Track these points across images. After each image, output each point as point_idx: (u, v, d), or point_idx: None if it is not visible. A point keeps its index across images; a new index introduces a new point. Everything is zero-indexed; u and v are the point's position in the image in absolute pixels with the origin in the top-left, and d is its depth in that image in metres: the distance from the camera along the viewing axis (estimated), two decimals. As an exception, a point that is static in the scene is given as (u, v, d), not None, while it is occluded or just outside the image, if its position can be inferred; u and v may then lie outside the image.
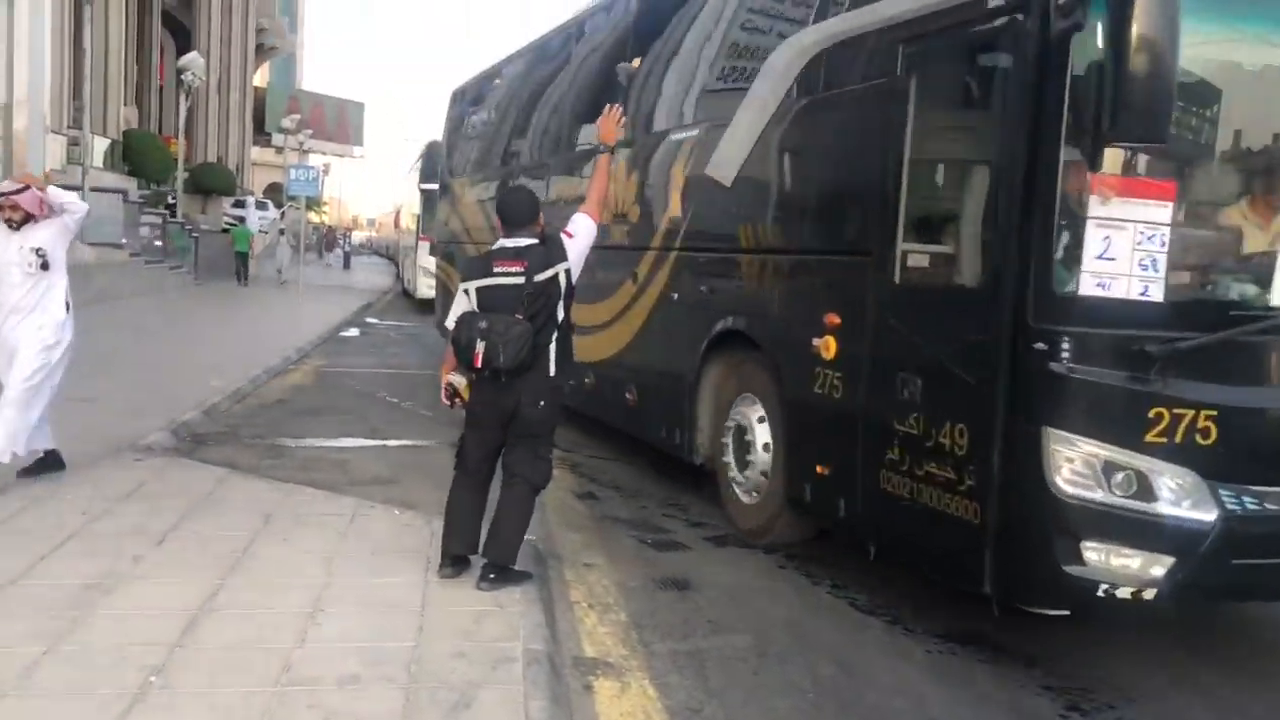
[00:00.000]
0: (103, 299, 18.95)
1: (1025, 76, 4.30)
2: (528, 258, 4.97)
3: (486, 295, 4.99)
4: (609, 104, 5.75)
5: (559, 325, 5.02)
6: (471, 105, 13.79)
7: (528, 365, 4.88)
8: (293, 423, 9.78)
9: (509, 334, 4.79)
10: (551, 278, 4.95)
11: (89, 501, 6.20)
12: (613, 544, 6.41)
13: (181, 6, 48.95)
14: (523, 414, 5.00)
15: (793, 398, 5.92)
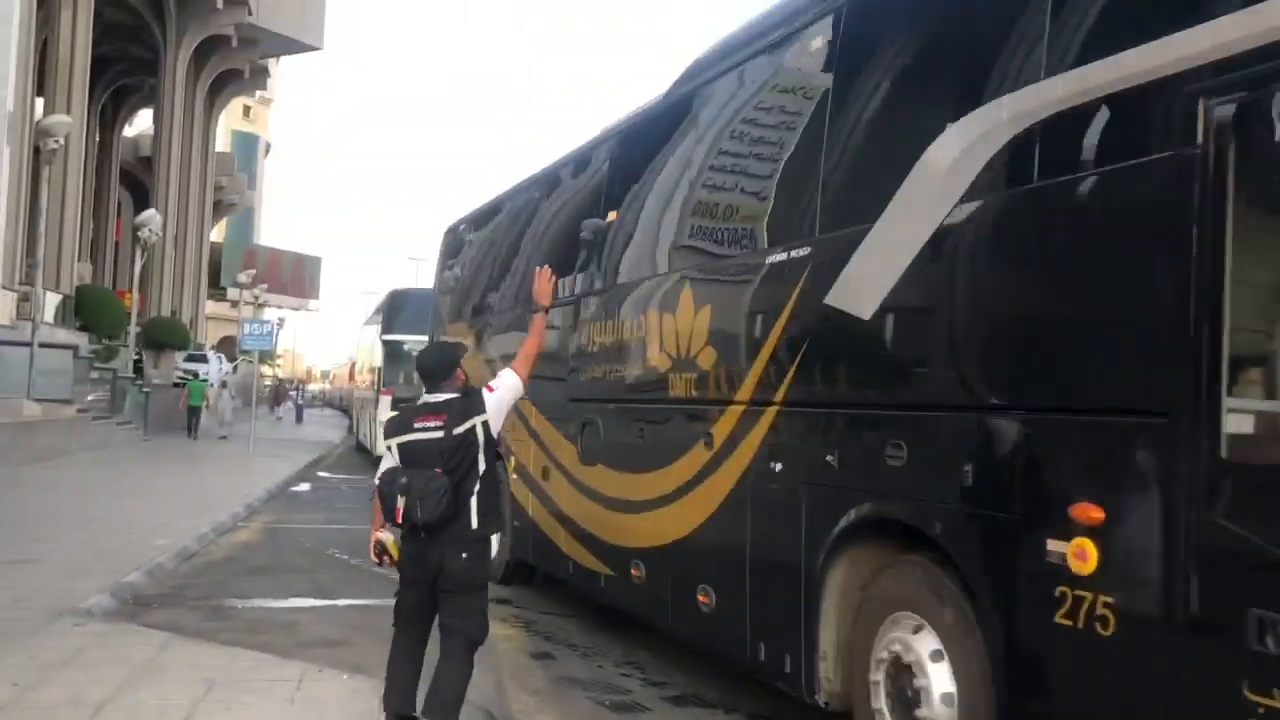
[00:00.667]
0: (49, 455, 18.62)
1: None
2: (446, 411, 5.01)
3: (408, 451, 5.00)
4: (539, 267, 5.79)
5: (480, 477, 4.98)
6: (471, 242, 12.28)
7: (449, 519, 4.84)
8: (240, 582, 9.53)
9: (428, 488, 4.78)
10: (469, 430, 4.95)
11: (20, 670, 5.95)
12: (569, 706, 6.24)
13: (140, 164, 49.74)
14: (447, 567, 4.91)
15: (1004, 629, 3.99)
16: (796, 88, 5.92)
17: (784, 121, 5.93)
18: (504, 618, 8.59)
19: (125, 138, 50.78)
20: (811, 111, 5.60)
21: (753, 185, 6.15)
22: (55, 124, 20.58)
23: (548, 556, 8.81)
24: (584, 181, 8.98)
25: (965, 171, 4.25)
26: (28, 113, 26.81)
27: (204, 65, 45.79)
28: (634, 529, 6.98)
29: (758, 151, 6.17)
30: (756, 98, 6.34)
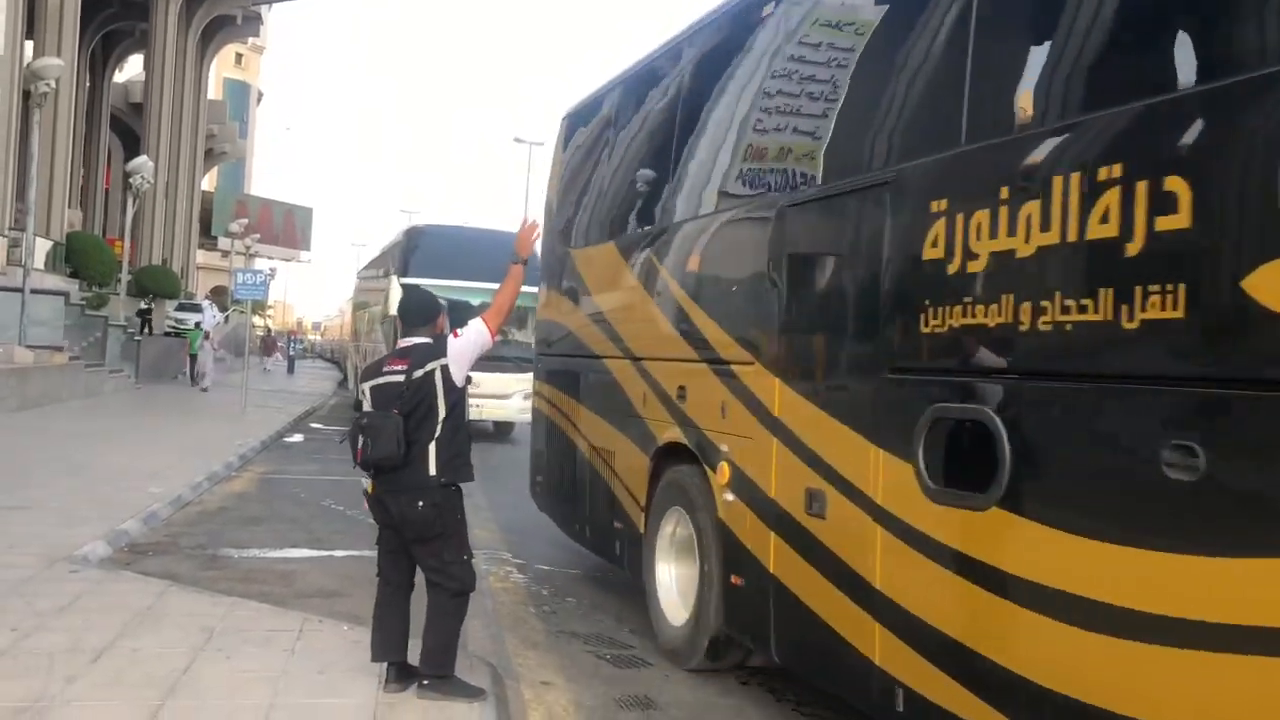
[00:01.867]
0: (40, 402, 18.51)
1: None
2: (412, 356, 5.04)
3: (377, 394, 5.04)
4: (526, 219, 5.77)
5: (441, 422, 4.94)
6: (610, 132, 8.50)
7: (401, 462, 4.85)
8: (235, 532, 9.49)
9: (379, 426, 4.85)
10: (427, 374, 4.96)
11: (18, 616, 5.90)
12: (570, 661, 6.22)
13: (131, 111, 49.17)
14: (405, 516, 4.93)
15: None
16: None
17: None
18: (502, 572, 8.58)
19: (115, 83, 50.11)
20: None
21: None
22: (46, 67, 20.25)
23: (815, 653, 4.97)
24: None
25: None
26: (17, 56, 26.40)
27: (196, 10, 45.17)
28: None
29: None
30: None
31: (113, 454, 13.27)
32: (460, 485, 5.09)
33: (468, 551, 5.11)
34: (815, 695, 5.74)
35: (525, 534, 10.14)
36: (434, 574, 5.00)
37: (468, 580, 5.07)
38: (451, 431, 4.99)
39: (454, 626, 5.03)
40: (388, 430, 4.83)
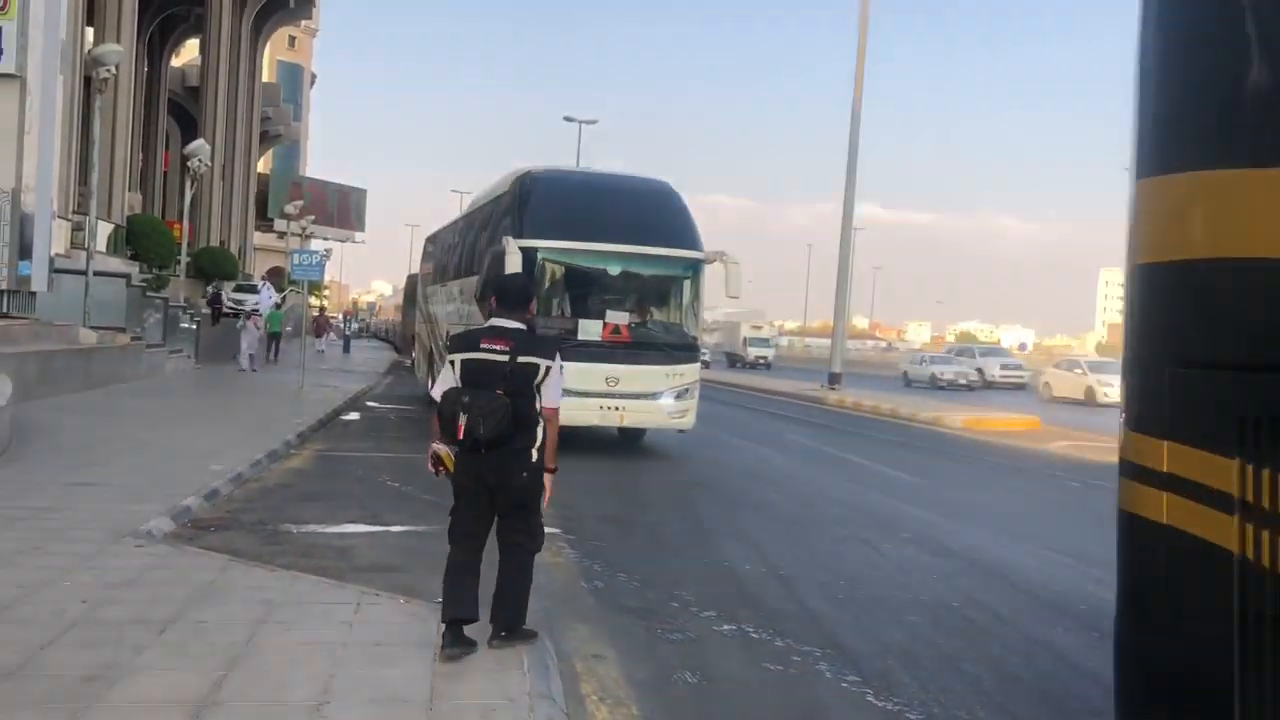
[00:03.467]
0: (104, 382, 18.95)
1: None
2: (515, 340, 5.29)
3: (470, 369, 5.26)
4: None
5: (531, 404, 5.24)
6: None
7: (507, 438, 5.11)
8: (294, 508, 9.69)
9: (489, 407, 5.06)
10: (531, 364, 5.24)
11: (88, 589, 6.10)
12: (621, 634, 6.30)
13: (188, 95, 49.92)
14: (509, 483, 5.24)
15: None
16: None
17: None
18: (554, 547, 8.67)
19: (172, 68, 50.89)
20: None
21: None
22: (107, 53, 20.64)
23: None
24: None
25: None
26: (78, 42, 26.91)
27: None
28: None
29: None
30: None
31: (174, 432, 13.58)
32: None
33: (541, 514, 5.52)
34: (866, 672, 5.78)
35: (576, 510, 10.24)
36: (520, 534, 5.37)
37: (541, 540, 5.51)
38: (538, 411, 5.31)
39: (528, 583, 5.47)
40: (500, 412, 5.06)
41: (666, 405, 14.74)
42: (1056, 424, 24.55)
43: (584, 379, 13.30)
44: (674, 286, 15.39)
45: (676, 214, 15.48)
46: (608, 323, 14.45)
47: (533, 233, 14.44)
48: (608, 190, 16.13)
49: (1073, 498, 13.78)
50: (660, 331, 15.15)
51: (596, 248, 14.60)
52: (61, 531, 7.54)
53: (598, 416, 14.34)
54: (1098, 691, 5.79)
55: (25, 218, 17.05)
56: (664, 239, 14.94)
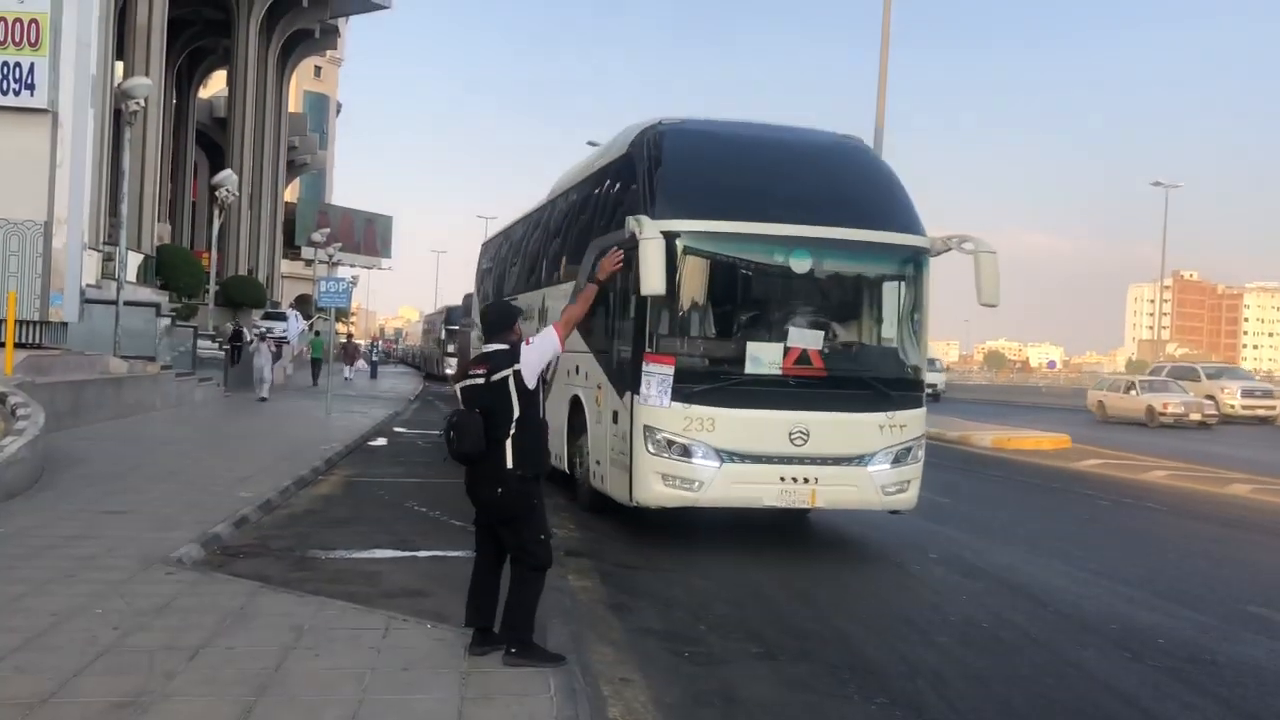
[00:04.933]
0: (134, 410, 19.15)
1: None
2: (491, 361, 5.76)
3: (465, 394, 5.79)
4: (616, 246, 6.81)
5: (515, 421, 5.62)
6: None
7: (483, 455, 5.58)
8: (322, 534, 9.74)
9: (465, 424, 5.61)
10: (502, 380, 5.65)
11: (119, 616, 6.16)
12: (648, 657, 6.29)
13: (215, 126, 50.57)
14: (487, 499, 5.71)
15: None
16: None
17: None
18: (579, 569, 8.69)
19: (200, 99, 51.59)
20: None
21: None
22: (136, 86, 20.96)
23: None
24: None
25: None
26: (108, 76, 27.36)
27: (275, 25, 46.28)
28: None
29: None
30: None
31: (203, 460, 13.70)
32: (538, 474, 5.74)
33: (545, 532, 5.79)
34: (891, 694, 5.74)
35: (602, 535, 10.25)
36: (515, 550, 5.73)
37: (544, 557, 5.74)
38: (524, 429, 5.66)
39: (535, 594, 5.69)
40: (471, 427, 5.59)
41: (880, 474, 9.65)
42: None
43: (754, 435, 9.36)
44: (886, 289, 10.53)
45: (883, 183, 10.69)
46: (792, 346, 9.61)
47: (675, 210, 9.58)
48: (779, 149, 10.83)
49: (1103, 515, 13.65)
50: (871, 359, 10.45)
51: (773, 231, 9.66)
52: (93, 559, 7.62)
53: (776, 495, 9.36)
54: (1133, 713, 5.74)
55: (57, 250, 17.28)
56: (872, 218, 10.10)
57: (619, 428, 10.04)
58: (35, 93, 17.01)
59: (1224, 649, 7.06)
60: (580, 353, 11.37)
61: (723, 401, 9.37)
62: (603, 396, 10.72)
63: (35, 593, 6.61)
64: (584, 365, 11.49)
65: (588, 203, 12.35)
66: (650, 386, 9.38)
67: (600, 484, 10.74)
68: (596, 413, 10.95)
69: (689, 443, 9.27)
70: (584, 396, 11.48)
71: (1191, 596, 8.64)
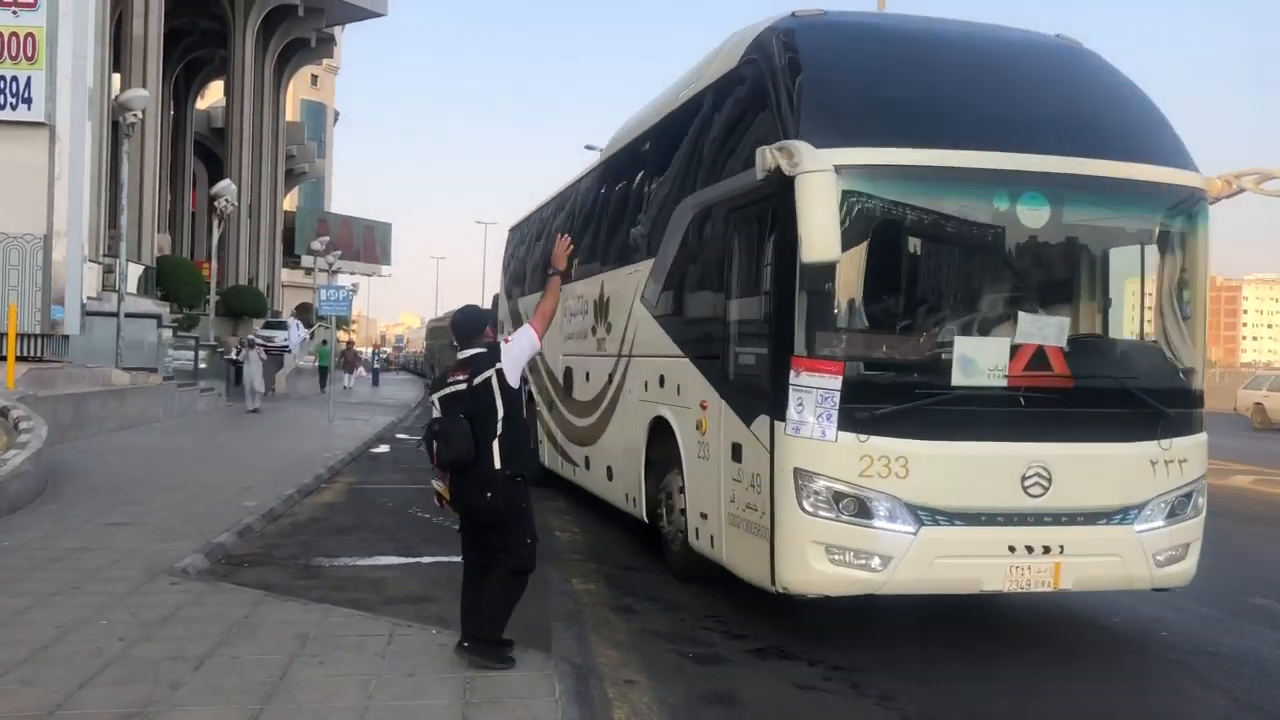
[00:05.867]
0: (137, 422, 19.18)
1: None
2: (470, 366, 5.68)
3: (444, 403, 5.70)
4: (560, 234, 6.41)
5: (501, 420, 5.55)
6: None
7: (471, 460, 5.49)
8: (326, 542, 9.76)
9: (449, 431, 5.52)
10: (485, 381, 5.59)
11: (125, 627, 6.18)
12: (652, 659, 6.30)
13: (213, 136, 50.66)
14: (475, 504, 5.62)
15: None
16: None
17: None
18: (583, 573, 8.70)
19: (198, 110, 51.68)
20: None
21: None
22: (134, 98, 21.01)
23: None
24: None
25: None
26: (105, 89, 27.43)
27: (272, 35, 46.37)
28: None
29: None
30: None
31: (207, 470, 13.72)
32: (525, 476, 5.70)
33: (531, 535, 5.74)
34: (897, 689, 5.76)
35: (605, 538, 10.27)
36: (500, 553, 5.65)
37: (527, 560, 5.70)
38: (510, 428, 5.61)
39: (512, 597, 5.68)
40: (457, 434, 5.49)
41: (1151, 536, 6.57)
42: None
43: (969, 481, 6.27)
44: (1148, 254, 7.09)
45: (1131, 99, 7.34)
46: (1023, 343, 6.46)
47: (839, 133, 6.38)
48: (973, 51, 7.46)
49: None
50: (1134, 359, 7.29)
51: (993, 164, 6.44)
52: (98, 570, 7.64)
53: (1002, 574, 6.31)
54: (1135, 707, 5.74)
55: (56, 262, 17.33)
56: (1125, 146, 6.83)
57: (744, 468, 6.76)
58: (32, 106, 17.09)
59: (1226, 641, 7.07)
60: (665, 357, 8.42)
61: (919, 430, 6.13)
62: (711, 420, 7.37)
63: (40, 605, 6.63)
64: (673, 374, 8.24)
65: (672, 148, 9.01)
66: (805, 408, 6.14)
67: (709, 547, 7.48)
68: (699, 444, 7.60)
69: (869, 495, 6.06)
70: (674, 419, 8.14)
71: None
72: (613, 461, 10.18)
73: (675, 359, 8.26)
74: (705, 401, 7.50)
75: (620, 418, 9.87)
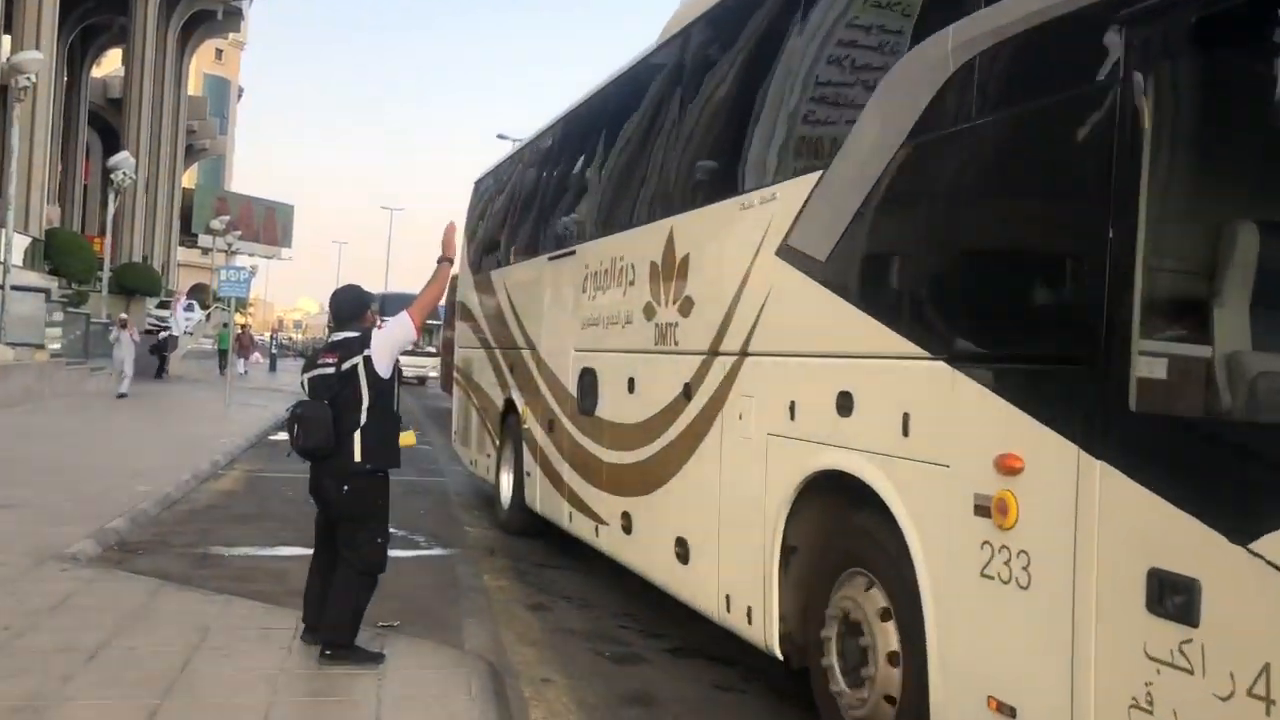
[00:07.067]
0: (21, 400, 18.35)
1: None
2: (341, 350, 5.45)
3: (312, 385, 5.48)
4: (450, 222, 5.96)
5: (365, 411, 5.31)
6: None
7: (330, 449, 5.28)
8: (225, 530, 9.41)
9: (312, 417, 5.28)
10: (352, 366, 5.34)
11: (9, 615, 5.83)
12: (569, 658, 6.18)
13: (109, 107, 48.78)
14: (330, 497, 5.42)
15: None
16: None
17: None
18: (495, 569, 8.54)
19: (94, 78, 49.70)
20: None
21: None
22: (26, 60, 20.07)
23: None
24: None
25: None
26: (-7, 50, 26.18)
27: (176, 5, 44.87)
28: None
29: None
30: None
31: (97, 452, 13.15)
32: (386, 471, 5.48)
33: (384, 535, 5.53)
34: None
35: (515, 535, 10.10)
36: (346, 549, 5.42)
37: (375, 561, 5.47)
38: (376, 420, 5.36)
39: (356, 601, 5.41)
40: (319, 420, 5.27)
41: None
42: None
43: None
44: None
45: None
46: None
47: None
48: None
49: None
50: None
51: None
52: (-20, 555, 7.23)
53: None
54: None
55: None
56: None
57: (1199, 639, 2.87)
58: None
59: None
60: (861, 358, 4.53)
61: None
62: (1041, 506, 3.47)
63: (-84, 591, 6.23)
64: (891, 392, 4.32)
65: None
66: None
67: None
68: (988, 549, 3.69)
69: None
70: (888, 484, 4.28)
71: None
72: (693, 532, 6.01)
73: (898, 363, 4.23)
74: (1016, 457, 3.55)
75: (713, 459, 5.80)
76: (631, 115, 7.81)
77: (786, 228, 5.09)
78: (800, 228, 4.99)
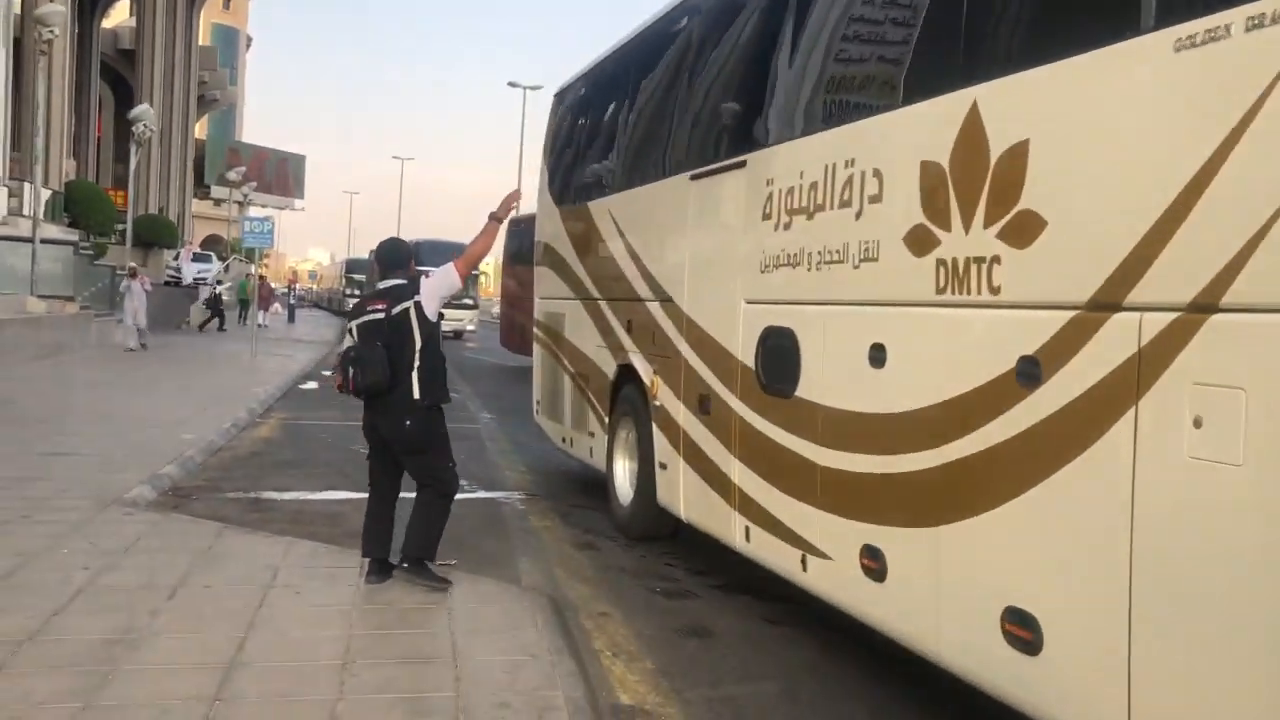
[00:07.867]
0: (54, 351, 18.61)
1: None
2: (389, 297, 5.83)
3: (362, 331, 5.84)
4: (513, 190, 6.44)
5: (418, 353, 5.70)
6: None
7: (388, 387, 5.63)
8: (273, 476, 9.65)
9: (368, 358, 5.65)
10: (403, 310, 5.72)
11: (87, 556, 6.08)
12: (621, 594, 6.41)
13: (122, 59, 48.62)
14: (395, 432, 5.76)
15: None
16: None
17: None
18: (538, 510, 8.76)
19: (104, 30, 49.47)
20: None
21: None
22: (50, 13, 20.08)
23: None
24: None
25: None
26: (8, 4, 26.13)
27: (186, -46, 44.57)
28: None
29: None
30: None
31: (135, 402, 13.40)
32: (440, 405, 5.87)
33: (450, 460, 5.96)
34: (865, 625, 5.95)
35: (552, 477, 10.32)
36: (425, 478, 5.88)
37: (452, 484, 5.96)
38: (428, 359, 5.75)
39: (437, 521, 5.87)
40: (375, 360, 5.63)
41: None
42: None
43: None
44: None
45: None
46: None
47: None
48: None
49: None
50: None
51: None
52: (47, 500, 7.47)
53: None
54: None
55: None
56: None
57: None
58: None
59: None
60: None
61: None
62: None
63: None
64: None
65: None
66: None
67: None
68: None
69: None
70: None
71: None
72: (1045, 607, 3.53)
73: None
74: None
75: (1103, 492, 3.27)
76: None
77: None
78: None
